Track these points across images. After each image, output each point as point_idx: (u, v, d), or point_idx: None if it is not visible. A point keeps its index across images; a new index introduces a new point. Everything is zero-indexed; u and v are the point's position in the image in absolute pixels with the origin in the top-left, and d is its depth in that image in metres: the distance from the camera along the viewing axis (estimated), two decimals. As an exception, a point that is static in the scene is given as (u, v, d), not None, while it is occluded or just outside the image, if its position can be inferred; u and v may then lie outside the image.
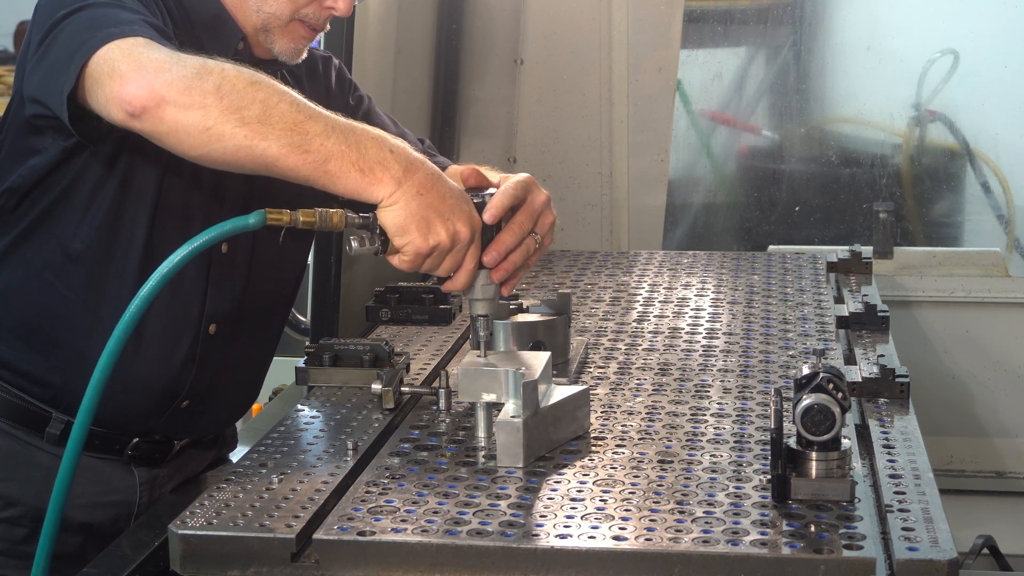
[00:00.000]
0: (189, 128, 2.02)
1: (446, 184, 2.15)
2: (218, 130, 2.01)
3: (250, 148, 2.03)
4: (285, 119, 2.03)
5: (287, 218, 2.07)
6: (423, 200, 2.10)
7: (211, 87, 2.01)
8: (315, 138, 2.04)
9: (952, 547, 1.86)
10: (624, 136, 4.38)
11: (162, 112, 2.01)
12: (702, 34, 5.14)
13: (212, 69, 2.03)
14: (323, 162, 2.05)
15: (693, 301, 3.25)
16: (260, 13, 2.39)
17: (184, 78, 2.01)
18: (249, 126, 2.02)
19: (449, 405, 2.44)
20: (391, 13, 3.87)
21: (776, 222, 5.11)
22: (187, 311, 2.44)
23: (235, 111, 2.01)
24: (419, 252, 2.12)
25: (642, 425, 2.37)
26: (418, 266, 2.15)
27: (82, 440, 1.95)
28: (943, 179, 5.14)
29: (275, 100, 2.04)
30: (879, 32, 5.07)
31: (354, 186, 2.08)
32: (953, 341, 4.34)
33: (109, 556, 2.15)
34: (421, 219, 2.10)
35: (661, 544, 1.88)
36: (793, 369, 2.64)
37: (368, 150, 2.08)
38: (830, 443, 2.02)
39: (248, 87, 2.03)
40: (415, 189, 2.09)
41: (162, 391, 2.46)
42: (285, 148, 2.03)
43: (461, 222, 2.14)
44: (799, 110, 5.16)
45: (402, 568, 1.90)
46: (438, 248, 2.13)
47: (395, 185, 2.08)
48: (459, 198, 2.16)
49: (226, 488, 2.09)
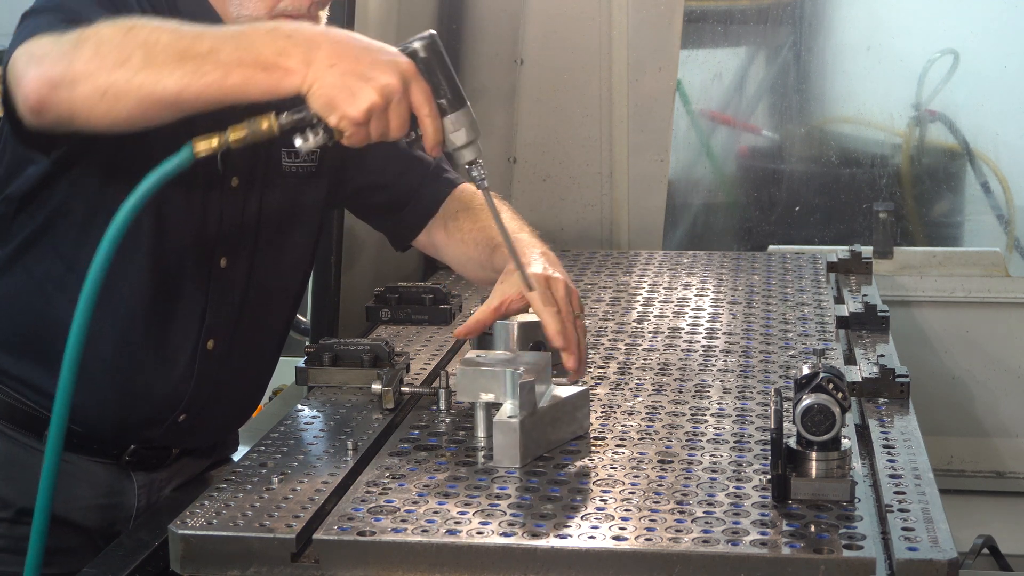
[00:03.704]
0: (87, 100, 1.97)
1: (358, 44, 2.01)
2: (113, 89, 1.95)
3: (151, 93, 1.96)
4: (170, 51, 1.96)
5: (216, 142, 2.00)
6: (337, 69, 1.97)
7: (90, 52, 1.96)
8: (207, 57, 1.96)
9: (952, 547, 1.86)
10: (624, 136, 4.38)
11: (57, 96, 1.97)
12: (702, 34, 5.14)
13: (88, 35, 1.98)
14: (224, 78, 1.96)
15: (693, 301, 3.25)
16: (240, 17, 2.32)
17: (64, 55, 1.97)
18: (140, 73, 1.95)
19: (449, 405, 2.44)
20: (391, 13, 3.87)
21: (776, 222, 5.11)
22: (185, 327, 2.42)
23: (120, 65, 1.95)
24: (356, 121, 1.99)
25: (642, 425, 2.37)
26: (368, 137, 2.03)
27: (62, 432, 1.95)
28: (943, 179, 5.14)
29: (155, 37, 1.97)
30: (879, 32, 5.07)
31: (265, 87, 1.97)
32: (953, 341, 4.34)
33: (109, 556, 2.15)
34: (342, 88, 1.97)
35: (661, 544, 1.88)
36: (793, 369, 2.64)
37: (264, 47, 1.97)
38: (830, 443, 2.02)
39: (125, 36, 1.96)
40: (325, 63, 1.97)
41: (160, 406, 2.45)
42: (182, 80, 1.95)
43: (386, 74, 1.99)
44: (799, 110, 5.16)
45: (402, 568, 1.90)
46: (373, 109, 1.99)
47: (304, 68, 1.96)
48: (376, 52, 2.02)
49: (226, 488, 2.09)
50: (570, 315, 2.30)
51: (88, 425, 2.41)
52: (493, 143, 4.41)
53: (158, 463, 2.53)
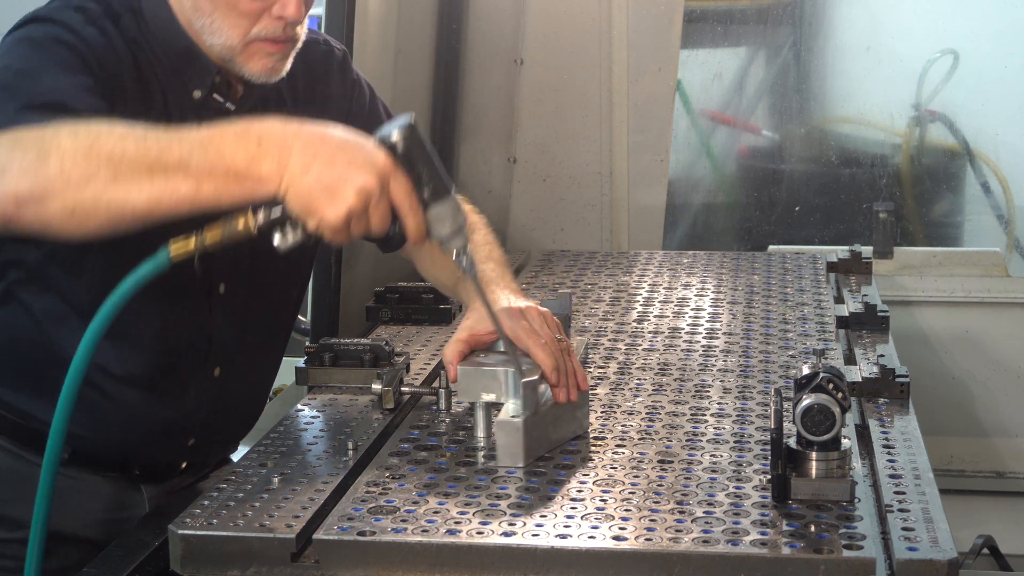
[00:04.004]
0: (55, 218, 1.89)
1: (332, 142, 1.92)
2: (82, 208, 1.87)
3: (119, 212, 1.89)
4: (137, 165, 1.87)
5: (192, 245, 1.93)
6: (311, 175, 1.89)
7: (54, 170, 1.86)
8: (176, 169, 1.87)
9: (952, 547, 1.86)
10: (624, 136, 4.38)
11: (24, 213, 1.88)
12: (702, 34, 5.14)
13: (50, 148, 1.88)
14: (196, 190, 1.88)
15: (693, 301, 3.25)
16: (214, 46, 2.27)
17: (27, 170, 1.87)
18: (108, 190, 1.87)
19: (449, 405, 2.44)
20: (391, 13, 3.86)
21: (776, 222, 5.11)
22: (191, 358, 2.41)
23: (87, 182, 1.86)
24: (335, 227, 1.92)
25: (642, 425, 2.37)
26: (348, 237, 1.95)
27: (55, 466, 1.94)
28: (943, 179, 5.14)
29: (119, 150, 1.88)
30: (879, 32, 5.07)
31: (239, 195, 1.90)
32: (953, 341, 4.34)
33: (109, 556, 2.15)
34: (320, 193, 1.89)
35: (661, 544, 1.88)
36: (793, 369, 2.64)
37: (235, 153, 1.88)
38: (830, 443, 2.02)
39: (89, 152, 1.87)
40: (299, 168, 1.89)
41: (169, 436, 2.45)
42: (152, 195, 1.88)
43: (363, 175, 1.90)
44: (799, 110, 5.16)
45: (402, 568, 1.90)
46: (352, 213, 1.91)
47: (277, 175, 1.89)
48: (352, 150, 1.92)
49: (226, 488, 2.09)
50: (555, 342, 2.28)
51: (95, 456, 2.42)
52: (493, 143, 4.42)
53: (166, 475, 2.54)
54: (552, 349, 2.26)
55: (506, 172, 4.43)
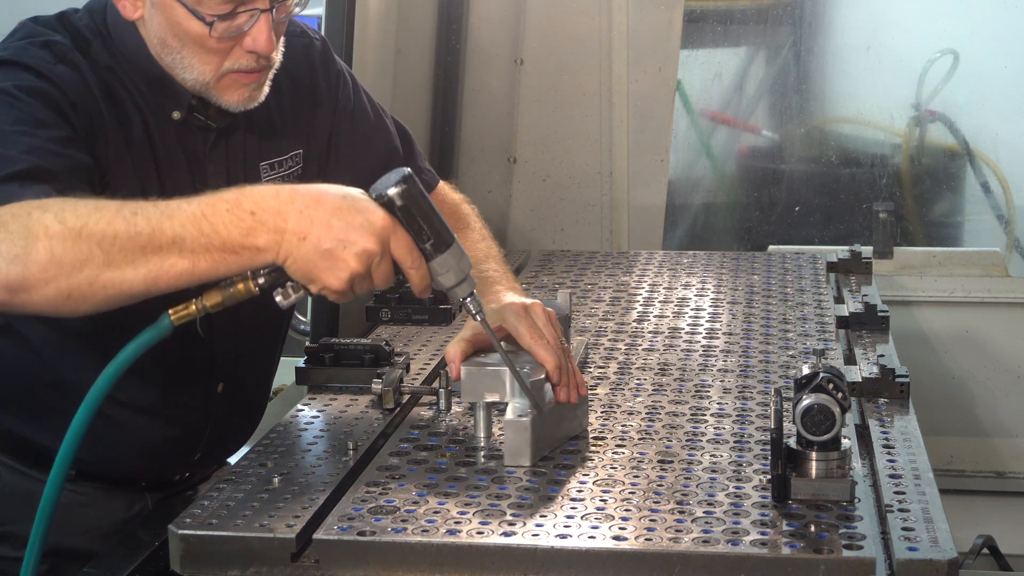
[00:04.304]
0: (52, 302, 1.86)
1: (328, 206, 1.89)
2: (78, 293, 1.85)
3: (117, 293, 1.86)
4: (130, 247, 1.84)
5: (193, 309, 1.92)
6: (308, 243, 1.87)
7: (44, 256, 1.83)
8: (171, 248, 1.85)
9: (952, 547, 1.86)
10: (624, 136, 4.38)
11: (19, 299, 1.85)
12: (702, 34, 5.14)
13: (37, 232, 1.83)
14: (192, 267, 1.86)
15: (693, 301, 3.25)
16: (187, 80, 2.23)
17: (16, 258, 1.82)
18: (103, 274, 1.84)
19: (449, 405, 2.44)
20: (391, 13, 3.87)
21: (776, 222, 5.11)
22: (195, 377, 2.42)
23: (80, 267, 1.83)
24: (339, 291, 1.91)
25: (642, 425, 2.37)
26: (352, 297, 1.94)
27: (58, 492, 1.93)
28: (943, 179, 5.14)
29: (111, 232, 1.84)
30: (879, 32, 5.08)
31: (237, 267, 1.89)
32: (953, 341, 4.35)
33: (109, 556, 2.15)
34: (320, 261, 1.88)
35: (661, 544, 1.88)
36: (793, 369, 2.64)
37: (229, 228, 1.86)
38: (830, 443, 2.02)
39: (79, 236, 1.83)
40: (296, 237, 1.87)
41: (176, 454, 2.47)
42: (149, 276, 1.86)
43: (363, 239, 1.89)
44: (799, 110, 5.16)
45: (402, 568, 1.90)
46: (354, 278, 1.90)
47: (275, 245, 1.87)
48: (348, 213, 1.89)
49: (226, 488, 2.09)
50: (558, 343, 2.29)
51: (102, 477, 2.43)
52: (493, 143, 4.42)
53: (171, 484, 2.55)
54: (555, 348, 2.26)
55: (506, 172, 4.43)
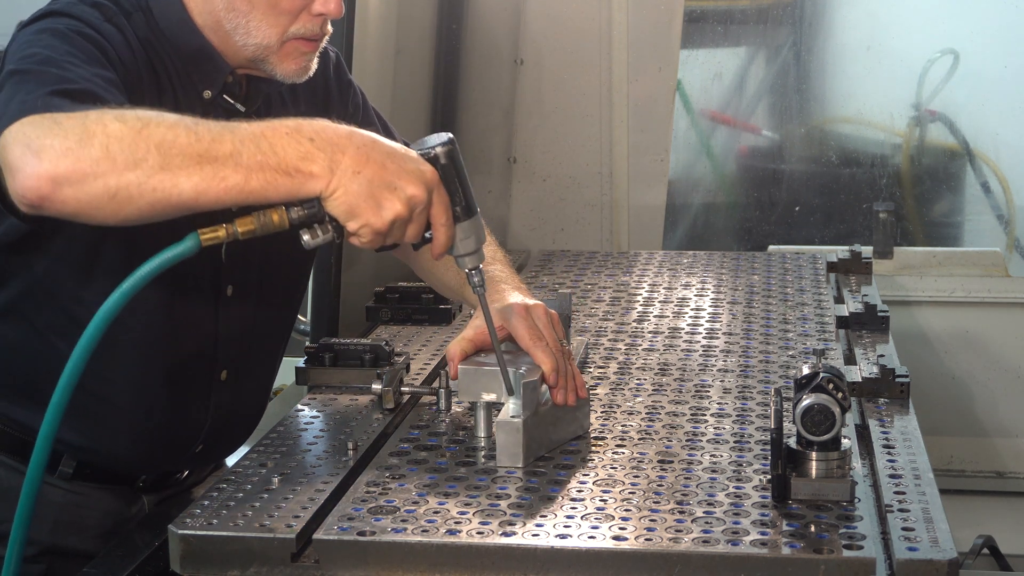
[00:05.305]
0: (94, 201, 1.85)
1: (382, 149, 1.95)
2: (124, 193, 1.84)
3: (165, 198, 1.86)
4: (188, 154, 1.86)
5: (223, 233, 1.92)
6: (362, 177, 1.91)
7: (99, 151, 1.83)
8: (227, 161, 1.86)
9: (952, 547, 1.86)
10: (624, 136, 4.38)
11: (61, 194, 1.84)
12: (702, 34, 5.14)
13: (94, 130, 1.85)
14: (245, 182, 1.87)
15: (693, 301, 3.25)
16: (248, 46, 2.25)
17: (68, 151, 1.83)
18: (154, 177, 1.84)
19: (449, 405, 2.44)
20: (391, 13, 3.86)
21: (776, 222, 5.11)
22: (198, 363, 2.41)
23: (133, 167, 1.84)
24: (377, 231, 1.95)
25: (642, 425, 2.37)
26: (382, 242, 1.98)
27: (40, 474, 1.92)
28: (943, 179, 5.14)
29: (171, 137, 1.86)
30: (879, 32, 5.08)
31: (286, 192, 1.90)
32: (953, 341, 4.35)
33: (109, 556, 2.15)
34: (368, 197, 1.92)
35: (661, 544, 1.88)
36: (793, 369, 2.64)
37: (286, 149, 1.89)
38: (830, 443, 2.02)
39: (137, 136, 1.85)
40: (350, 169, 1.91)
41: (178, 442, 2.45)
42: (200, 184, 1.86)
43: (412, 185, 1.94)
44: (799, 110, 5.16)
45: (402, 568, 1.90)
46: (397, 220, 1.94)
47: (328, 174, 1.90)
48: (402, 159, 1.96)
49: (226, 488, 2.09)
50: (558, 345, 2.29)
51: (105, 467, 2.41)
52: (493, 143, 4.42)
53: (168, 484, 2.54)
54: (554, 350, 2.26)
55: (506, 172, 4.43)
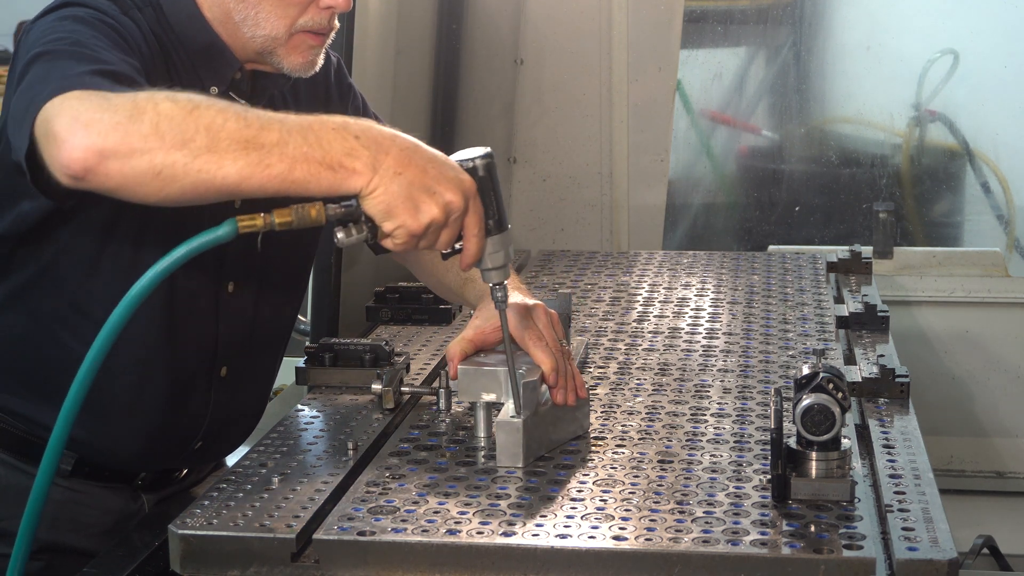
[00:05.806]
0: (139, 177, 1.87)
1: (424, 154, 1.97)
2: (169, 171, 1.86)
3: (209, 180, 1.88)
4: (236, 139, 1.87)
5: (261, 222, 1.94)
6: (403, 179, 1.93)
7: (148, 128, 1.85)
8: (273, 149, 1.89)
9: (952, 547, 1.86)
10: (624, 136, 4.38)
11: (106, 168, 1.86)
12: (702, 34, 5.14)
13: (145, 107, 1.87)
14: (288, 172, 1.89)
15: (693, 301, 3.25)
16: (256, 38, 2.27)
17: (118, 125, 1.85)
18: (200, 158, 1.86)
19: (449, 405, 2.44)
20: (391, 13, 3.86)
21: (776, 222, 5.11)
22: (199, 359, 2.41)
23: (180, 146, 1.86)
24: (413, 234, 1.96)
25: (642, 425, 2.37)
26: (414, 246, 1.99)
27: (52, 474, 1.93)
28: (943, 179, 5.14)
29: (220, 121, 1.88)
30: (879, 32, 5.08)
31: (328, 186, 1.92)
32: (953, 341, 4.35)
33: (109, 556, 2.15)
34: (406, 199, 1.93)
35: (661, 544, 1.88)
36: (793, 369, 2.64)
37: (332, 144, 1.91)
38: (830, 443, 2.02)
39: (187, 116, 1.87)
40: (392, 170, 1.93)
41: (177, 438, 2.45)
42: (245, 169, 1.88)
43: (450, 191, 1.96)
44: (799, 110, 5.16)
45: (402, 568, 1.90)
46: (432, 225, 1.96)
47: (370, 172, 1.92)
48: (442, 165, 1.98)
49: (226, 488, 2.09)
50: (558, 345, 2.29)
51: (104, 463, 2.41)
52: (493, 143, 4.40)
53: (167, 483, 2.54)
54: (553, 350, 2.26)
55: (506, 172, 4.43)
